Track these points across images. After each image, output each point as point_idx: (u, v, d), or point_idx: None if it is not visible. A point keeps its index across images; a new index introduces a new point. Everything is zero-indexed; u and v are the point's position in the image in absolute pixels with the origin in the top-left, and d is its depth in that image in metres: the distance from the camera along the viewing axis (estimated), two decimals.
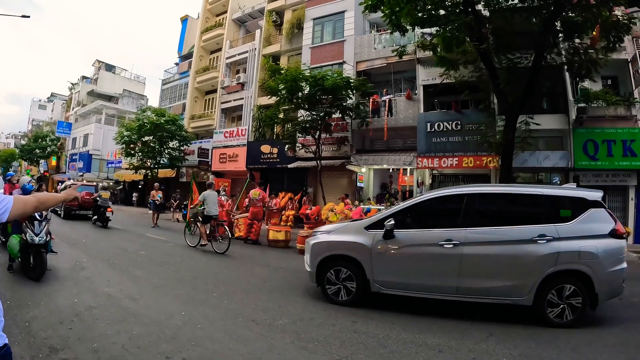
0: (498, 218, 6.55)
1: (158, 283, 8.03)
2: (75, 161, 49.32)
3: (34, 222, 7.88)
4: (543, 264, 5.99)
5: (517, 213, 6.65)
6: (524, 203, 6.79)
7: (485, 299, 6.31)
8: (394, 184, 23.13)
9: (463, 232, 6.38)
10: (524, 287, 6.05)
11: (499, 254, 6.22)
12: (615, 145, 16.60)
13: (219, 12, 35.14)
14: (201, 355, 4.59)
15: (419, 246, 6.62)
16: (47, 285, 7.25)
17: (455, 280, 6.34)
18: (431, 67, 18.99)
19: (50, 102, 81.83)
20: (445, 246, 6.34)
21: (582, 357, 4.86)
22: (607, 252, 5.99)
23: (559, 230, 6.11)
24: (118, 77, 59.37)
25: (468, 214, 6.59)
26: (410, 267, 6.68)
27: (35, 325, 5.19)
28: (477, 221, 6.53)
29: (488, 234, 6.36)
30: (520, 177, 19.34)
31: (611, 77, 18.46)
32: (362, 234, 7.01)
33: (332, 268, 7.09)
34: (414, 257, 6.66)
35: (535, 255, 6.03)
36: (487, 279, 6.23)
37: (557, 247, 6.00)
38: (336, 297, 7.01)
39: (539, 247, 6.05)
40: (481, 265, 6.28)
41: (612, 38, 14.24)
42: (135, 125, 30.66)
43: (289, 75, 19.45)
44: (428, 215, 7.10)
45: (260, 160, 26.32)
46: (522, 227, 6.24)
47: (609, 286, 6.02)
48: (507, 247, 6.20)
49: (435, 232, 6.60)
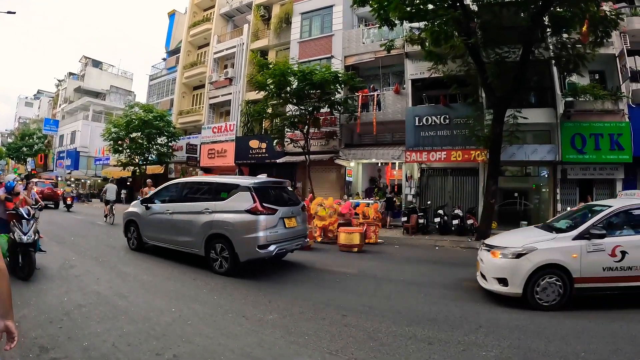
0: (192, 197, 9.85)
1: (147, 280, 7.99)
2: (63, 159, 48.90)
3: (22, 221, 7.78)
4: (206, 228, 8.83)
5: (200, 193, 9.78)
6: (205, 187, 9.91)
7: (185, 249, 9.43)
8: (383, 178, 23.21)
9: (173, 205, 9.91)
10: (198, 242, 8.97)
11: (187, 220, 9.32)
12: (602, 139, 16.72)
13: (207, 6, 34.86)
14: (192, 351, 4.57)
15: (159, 213, 10.15)
16: (36, 285, 7.20)
17: (173, 235, 9.66)
18: (419, 62, 19.01)
19: (36, 99, 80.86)
20: (167, 213, 9.89)
21: (571, 347, 4.89)
22: (242, 223, 8.36)
23: (216, 205, 8.91)
24: (105, 73, 58.65)
25: (180, 194, 10.23)
26: (157, 227, 10.21)
27: (24, 324, 5.14)
28: (183, 198, 9.97)
29: (184, 207, 9.63)
30: (509, 171, 19.49)
31: (599, 72, 18.60)
32: (136, 207, 11.15)
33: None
34: (158, 220, 10.15)
35: (202, 221, 8.93)
36: (183, 235, 9.37)
37: (213, 217, 8.80)
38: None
39: (204, 217, 8.94)
40: (180, 226, 9.47)
41: (599, 33, 14.35)
42: (123, 121, 30.35)
43: (277, 69, 19.41)
44: (165, 195, 10.61)
45: (249, 156, 26.25)
46: (197, 203, 9.36)
47: (244, 248, 8.29)
48: (191, 215, 9.27)
49: (165, 205, 10.16)
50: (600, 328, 5.58)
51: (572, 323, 5.77)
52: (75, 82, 56.08)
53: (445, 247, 14.47)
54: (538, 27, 14.44)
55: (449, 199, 19.48)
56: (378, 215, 15.34)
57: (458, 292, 7.61)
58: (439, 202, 19.40)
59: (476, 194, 18.69)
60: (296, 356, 4.56)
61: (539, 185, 19.81)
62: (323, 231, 14.20)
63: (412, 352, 4.72)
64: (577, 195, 17.32)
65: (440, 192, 20.08)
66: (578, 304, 6.39)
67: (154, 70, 40.75)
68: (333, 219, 14.43)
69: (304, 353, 4.62)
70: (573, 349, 4.84)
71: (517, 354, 4.70)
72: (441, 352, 4.73)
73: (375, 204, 16.00)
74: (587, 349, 4.85)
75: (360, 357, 4.54)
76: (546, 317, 6.02)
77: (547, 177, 18.83)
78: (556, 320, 5.85)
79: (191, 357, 4.42)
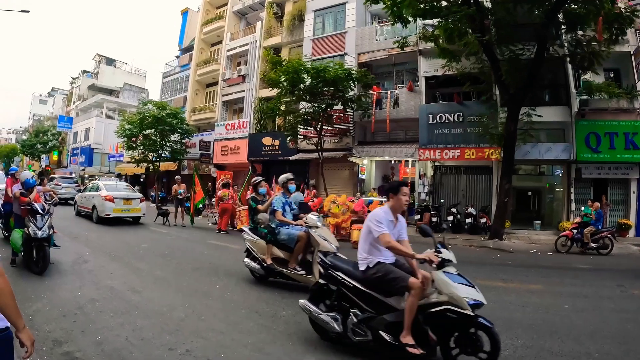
0: None
1: (160, 275, 8.08)
2: (77, 155, 49.38)
3: (36, 216, 7.89)
4: None
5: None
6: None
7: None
8: (396, 175, 23.14)
9: None
10: None
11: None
12: (617, 138, 16.54)
13: (220, 4, 34.96)
14: (204, 346, 4.60)
15: None
16: (50, 279, 7.29)
17: None
18: (433, 59, 18.90)
19: (50, 97, 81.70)
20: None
21: (584, 347, 4.88)
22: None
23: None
24: (119, 70, 59.11)
25: None
26: None
27: (38, 318, 5.22)
28: None
29: None
30: (522, 169, 19.36)
31: (613, 70, 18.35)
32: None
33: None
34: None
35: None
36: None
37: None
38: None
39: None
40: None
41: (614, 30, 14.19)
42: (136, 118, 30.49)
43: (290, 67, 19.40)
44: None
45: (262, 153, 26.31)
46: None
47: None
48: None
49: None
50: (613, 329, 5.56)
51: (585, 324, 5.76)
52: (89, 80, 56.56)
53: (458, 246, 14.43)
54: (552, 24, 14.33)
55: (462, 198, 19.42)
56: None
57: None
58: (452, 200, 19.34)
59: (489, 192, 18.59)
60: (308, 353, 4.58)
61: (552, 185, 19.69)
62: (336, 228, 14.22)
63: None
64: (591, 195, 17.10)
65: (453, 191, 20.02)
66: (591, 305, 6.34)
67: (167, 67, 40.96)
68: (346, 217, 14.45)
69: (318, 350, 4.64)
70: (586, 350, 4.83)
71: (530, 354, 4.69)
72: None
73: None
74: (600, 349, 4.83)
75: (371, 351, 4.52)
76: (559, 317, 6.01)
77: (561, 176, 18.68)
78: (569, 321, 5.84)
79: (204, 352, 4.44)
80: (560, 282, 8.56)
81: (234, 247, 12.02)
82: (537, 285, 8.34)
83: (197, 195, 18.12)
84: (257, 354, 4.48)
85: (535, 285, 8.34)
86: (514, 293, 7.45)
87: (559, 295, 7.36)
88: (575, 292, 7.61)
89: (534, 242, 15.19)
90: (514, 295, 7.22)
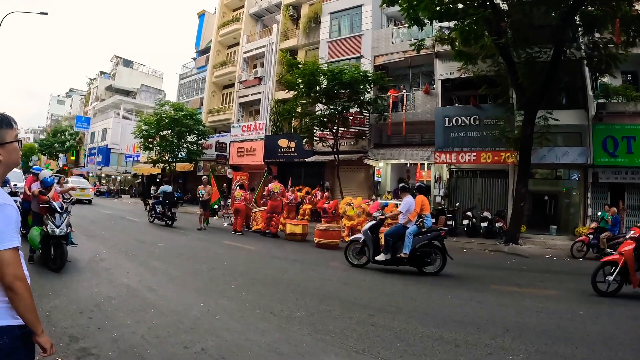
0: None
1: (176, 274, 8.18)
2: (94, 155, 50.08)
3: (54, 214, 8.04)
4: None
5: None
6: None
7: None
8: (412, 178, 23.07)
9: None
10: None
11: None
12: (635, 142, 16.31)
13: (236, 6, 35.22)
14: (219, 345, 4.65)
15: None
16: (67, 276, 7.42)
17: None
18: (449, 61, 18.89)
19: (68, 97, 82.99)
20: None
21: (597, 354, 4.85)
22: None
23: None
24: (136, 72, 59.83)
25: None
26: None
27: (55, 314, 5.32)
28: None
29: None
30: (539, 173, 19.21)
31: (631, 73, 18.16)
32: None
33: None
34: None
35: None
36: None
37: None
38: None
39: None
40: None
41: (632, 33, 14.05)
42: (153, 119, 30.89)
43: (306, 69, 19.53)
44: None
45: (277, 154, 26.44)
46: None
47: None
48: None
49: None
50: (627, 336, 5.52)
51: (599, 330, 5.73)
52: (106, 81, 57.41)
53: (473, 250, 14.39)
54: (569, 27, 14.23)
55: (477, 201, 19.33)
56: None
57: (485, 295, 7.61)
58: (468, 204, 19.27)
59: (505, 196, 18.47)
60: (322, 354, 4.60)
61: (569, 189, 19.51)
62: (351, 231, 14.25)
63: (439, 353, 4.73)
64: (608, 200, 16.85)
65: (469, 194, 19.94)
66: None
67: (184, 69, 41.33)
68: (361, 219, 14.46)
69: (331, 351, 4.66)
70: (599, 356, 4.81)
71: (544, 359, 4.68)
72: (468, 354, 4.72)
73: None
74: (614, 356, 4.81)
75: (387, 357, 4.55)
76: (574, 323, 5.99)
77: (578, 180, 18.50)
78: (583, 327, 5.82)
79: (219, 351, 4.48)
80: (575, 288, 8.51)
81: (249, 248, 12.15)
82: (552, 290, 8.31)
83: (212, 196, 18.30)
84: (271, 354, 4.51)
85: (550, 290, 8.30)
86: (528, 298, 7.42)
87: (573, 301, 7.32)
88: (590, 299, 7.56)
89: (549, 247, 15.08)
90: (528, 301, 7.20)
